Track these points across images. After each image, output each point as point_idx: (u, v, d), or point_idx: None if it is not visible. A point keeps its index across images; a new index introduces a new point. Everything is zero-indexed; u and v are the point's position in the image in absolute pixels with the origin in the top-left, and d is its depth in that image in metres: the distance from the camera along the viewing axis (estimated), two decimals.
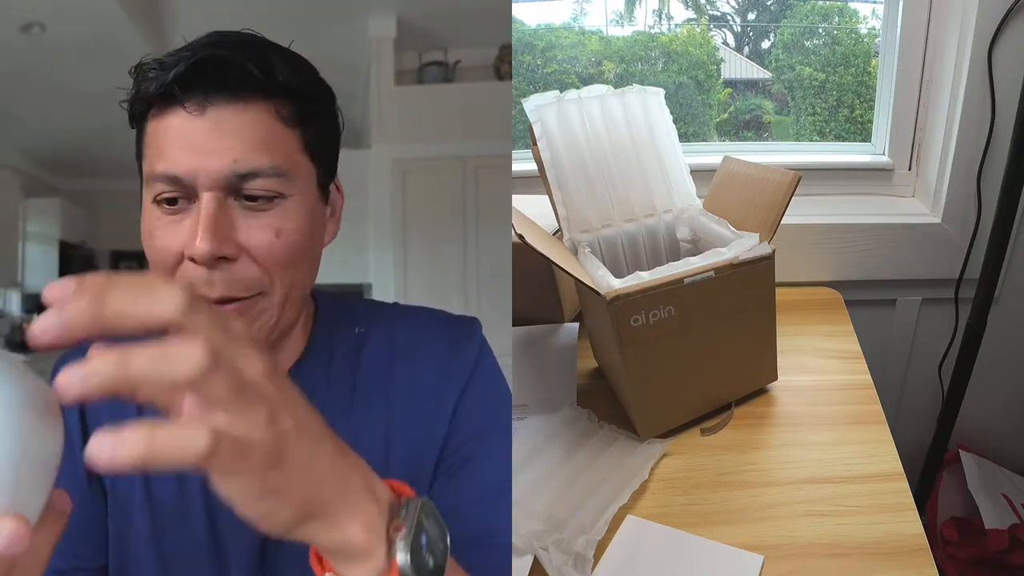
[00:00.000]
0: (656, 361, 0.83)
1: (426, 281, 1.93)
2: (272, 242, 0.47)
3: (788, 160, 1.29)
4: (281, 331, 0.51)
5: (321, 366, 0.54)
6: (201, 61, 0.45)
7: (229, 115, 0.45)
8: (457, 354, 0.54)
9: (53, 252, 3.02)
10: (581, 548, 0.69)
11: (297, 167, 0.49)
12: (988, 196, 1.13)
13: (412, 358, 0.54)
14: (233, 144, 0.45)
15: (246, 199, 0.46)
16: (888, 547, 0.71)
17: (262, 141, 0.46)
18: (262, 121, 0.47)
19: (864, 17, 1.32)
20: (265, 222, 0.47)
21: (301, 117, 0.49)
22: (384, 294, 1.92)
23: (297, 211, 0.48)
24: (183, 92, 0.45)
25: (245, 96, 0.46)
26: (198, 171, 0.45)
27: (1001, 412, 1.36)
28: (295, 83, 0.48)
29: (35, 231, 2.99)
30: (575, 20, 1.40)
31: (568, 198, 0.90)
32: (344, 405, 0.54)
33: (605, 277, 0.79)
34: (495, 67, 2.11)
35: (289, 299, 0.49)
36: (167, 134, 0.46)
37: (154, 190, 0.47)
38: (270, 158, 0.46)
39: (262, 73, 0.46)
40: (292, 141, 0.48)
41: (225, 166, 0.45)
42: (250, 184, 0.46)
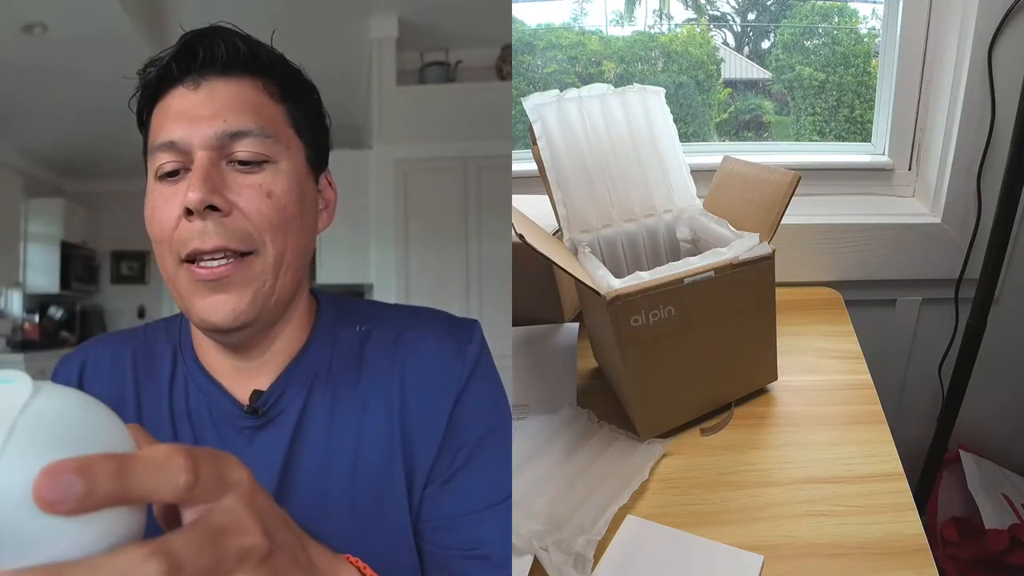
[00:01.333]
0: (656, 361, 0.83)
1: (428, 281, 1.93)
2: (263, 201, 0.49)
3: (788, 160, 1.29)
4: (277, 303, 0.51)
5: (323, 359, 0.55)
6: (192, 39, 0.50)
7: (220, 86, 0.50)
8: (455, 357, 0.55)
9: (55, 252, 3.03)
10: (581, 548, 0.69)
11: (284, 136, 0.52)
12: (988, 196, 1.13)
13: (413, 357, 0.55)
14: (223, 108, 0.49)
15: (239, 163, 0.49)
16: (888, 547, 0.71)
17: (251, 106, 0.50)
18: (250, 92, 0.51)
19: (864, 17, 1.32)
20: (256, 182, 0.50)
21: (284, 95, 0.53)
22: (386, 294, 1.92)
23: (288, 177, 0.51)
24: (179, 71, 0.50)
25: (234, 71, 0.51)
26: (193, 135, 0.49)
27: (1001, 412, 1.36)
28: (278, 64, 0.53)
29: (37, 231, 3.00)
30: (575, 20, 1.40)
31: (568, 198, 0.91)
32: (349, 392, 0.54)
33: (605, 277, 0.79)
34: (497, 67, 2.11)
35: (283, 264, 0.51)
36: (167, 111, 0.50)
37: (156, 163, 0.50)
38: (257, 120, 0.50)
39: (248, 49, 0.51)
40: (279, 114, 0.52)
41: (216, 126, 0.49)
42: (240, 144, 0.49)
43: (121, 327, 1.13)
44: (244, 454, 0.53)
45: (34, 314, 3.09)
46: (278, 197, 0.50)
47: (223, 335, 0.51)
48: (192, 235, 0.48)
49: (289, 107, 0.53)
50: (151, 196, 0.51)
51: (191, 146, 0.49)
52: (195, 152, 0.48)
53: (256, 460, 0.52)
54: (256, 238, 0.49)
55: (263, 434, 0.53)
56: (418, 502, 0.54)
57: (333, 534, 0.53)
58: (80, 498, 0.25)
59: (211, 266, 0.48)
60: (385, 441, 0.53)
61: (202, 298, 0.49)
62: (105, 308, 3.38)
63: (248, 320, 0.49)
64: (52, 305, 3.14)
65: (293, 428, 0.53)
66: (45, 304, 3.13)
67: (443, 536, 0.54)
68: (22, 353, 2.76)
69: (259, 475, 0.52)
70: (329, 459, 0.53)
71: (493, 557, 0.52)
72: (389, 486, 0.53)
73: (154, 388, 0.56)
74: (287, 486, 0.53)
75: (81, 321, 3.24)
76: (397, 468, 0.53)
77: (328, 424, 0.53)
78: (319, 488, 0.53)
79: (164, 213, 0.49)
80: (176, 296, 0.51)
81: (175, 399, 0.55)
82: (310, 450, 0.53)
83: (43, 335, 3.07)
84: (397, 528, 0.54)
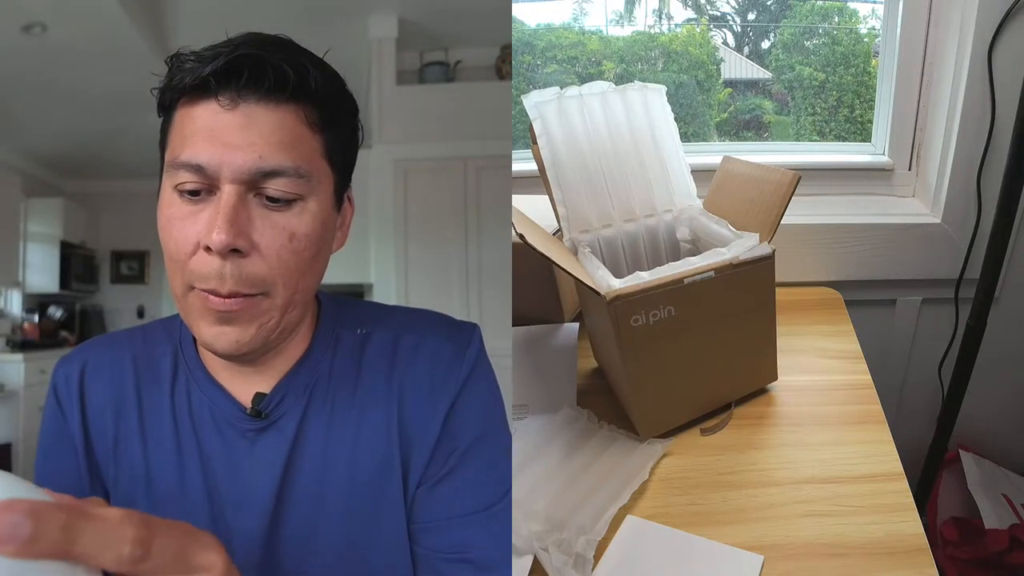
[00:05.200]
0: (656, 361, 0.83)
1: (427, 281, 1.93)
2: (284, 245, 0.47)
3: (788, 160, 1.29)
4: (282, 332, 0.51)
5: (324, 364, 0.55)
6: (240, 58, 0.46)
7: (259, 113, 0.46)
8: (453, 361, 0.54)
9: (54, 252, 3.03)
10: (581, 548, 0.69)
11: (318, 171, 0.49)
12: (988, 196, 1.13)
13: (411, 361, 0.55)
14: (260, 140, 0.46)
15: (266, 198, 0.47)
16: (888, 547, 0.71)
17: (288, 141, 0.47)
18: (290, 122, 0.47)
19: (864, 17, 1.32)
20: (280, 223, 0.47)
21: (325, 123, 0.50)
22: (385, 294, 1.92)
23: (313, 216, 0.49)
24: (218, 85, 0.46)
25: (276, 97, 0.47)
26: (223, 163, 0.46)
27: (1001, 412, 1.36)
28: (324, 90, 0.49)
29: (36, 231, 2.99)
30: (575, 20, 1.40)
31: (568, 198, 0.91)
32: (347, 399, 0.54)
33: (605, 277, 0.79)
34: (496, 67, 2.11)
35: (292, 303, 0.50)
36: (195, 123, 0.47)
37: (176, 178, 0.47)
38: (294, 159, 0.47)
39: (296, 76, 0.47)
40: (315, 145, 0.49)
41: (250, 161, 0.46)
42: (272, 183, 0.47)
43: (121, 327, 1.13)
44: (246, 457, 0.52)
45: (33, 314, 3.08)
46: (300, 240, 0.48)
47: (226, 358, 0.51)
48: (209, 273, 0.46)
49: (327, 136, 0.50)
50: (168, 207, 0.48)
51: (219, 175, 0.46)
52: (223, 183, 0.46)
53: (258, 463, 0.53)
54: (269, 281, 0.48)
55: (265, 437, 0.53)
56: (409, 504, 0.54)
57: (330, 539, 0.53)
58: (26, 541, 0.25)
59: (223, 299, 0.47)
60: (383, 446, 0.53)
61: (208, 324, 0.48)
62: (105, 308, 3.38)
63: (251, 350, 0.49)
64: (52, 305, 3.14)
65: (294, 432, 0.53)
66: (44, 304, 3.12)
67: (429, 538, 0.54)
68: (21, 353, 2.75)
69: (260, 479, 0.52)
70: (328, 464, 0.53)
71: (477, 562, 0.52)
72: (386, 491, 0.53)
73: (156, 390, 0.55)
74: (287, 491, 0.53)
75: (81, 321, 3.24)
76: (394, 473, 0.53)
77: (328, 428, 0.53)
78: (317, 493, 0.53)
79: (181, 233, 0.47)
80: (181, 311, 0.50)
81: (177, 401, 0.55)
82: (310, 454, 0.53)
83: (43, 335, 3.06)
84: (394, 533, 0.54)
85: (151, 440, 0.54)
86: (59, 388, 0.57)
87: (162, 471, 0.54)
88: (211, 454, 0.53)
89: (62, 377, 0.57)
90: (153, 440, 0.54)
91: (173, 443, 0.54)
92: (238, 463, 0.53)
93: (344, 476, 0.53)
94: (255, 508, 0.52)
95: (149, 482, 0.54)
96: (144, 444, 0.54)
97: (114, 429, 0.55)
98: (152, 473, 0.54)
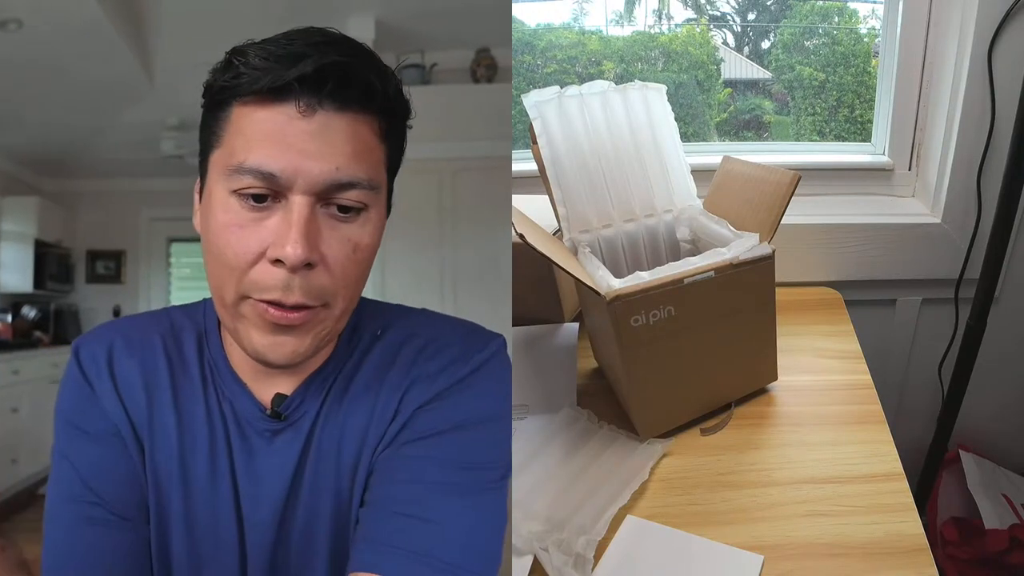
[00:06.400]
0: (656, 361, 0.83)
1: (403, 282, 1.95)
2: (348, 256, 0.47)
3: (788, 160, 1.29)
4: (331, 338, 0.51)
5: (342, 364, 0.55)
6: (328, 66, 0.44)
7: (336, 123, 0.45)
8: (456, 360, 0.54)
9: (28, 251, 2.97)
10: (581, 548, 0.69)
11: (383, 182, 0.50)
12: (988, 196, 1.13)
13: (414, 360, 0.54)
14: (335, 151, 0.45)
15: (337, 208, 0.46)
16: (888, 547, 0.71)
17: (361, 152, 0.46)
18: (363, 133, 0.47)
19: (864, 17, 1.32)
20: (346, 235, 0.47)
21: (388, 133, 0.49)
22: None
23: (374, 226, 0.49)
24: (301, 91, 0.44)
25: (355, 107, 0.46)
26: (298, 172, 0.44)
27: (1001, 412, 1.36)
28: (395, 100, 0.49)
29: (10, 229, 2.94)
30: (575, 20, 1.40)
31: (568, 197, 0.90)
32: (340, 398, 0.54)
33: (605, 277, 0.79)
34: (471, 70, 2.15)
35: (346, 311, 0.50)
36: (263, 127, 0.45)
37: (239, 183, 0.45)
38: (367, 170, 0.47)
39: (381, 90, 0.46)
40: (381, 156, 0.49)
41: (327, 172, 0.45)
42: (345, 194, 0.46)
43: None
44: (263, 455, 0.53)
45: (7, 314, 3.01)
46: (363, 251, 0.48)
47: (275, 367, 0.50)
48: (275, 284, 0.45)
49: (389, 145, 0.50)
50: (223, 212, 0.46)
51: (292, 185, 0.44)
52: (294, 192, 0.45)
53: (274, 461, 0.53)
54: (332, 292, 0.47)
55: (282, 436, 0.53)
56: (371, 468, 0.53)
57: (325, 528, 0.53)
58: None
59: (287, 312, 0.46)
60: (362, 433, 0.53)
61: (263, 334, 0.47)
62: (80, 308, 3.32)
63: (304, 359, 0.49)
64: (25, 305, 3.07)
65: (307, 432, 0.53)
66: (18, 304, 3.06)
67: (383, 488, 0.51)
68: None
69: (275, 475, 0.53)
70: (326, 456, 0.53)
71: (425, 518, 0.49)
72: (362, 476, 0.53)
73: (187, 377, 0.54)
74: (296, 489, 0.53)
75: (55, 321, 3.16)
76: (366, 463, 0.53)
77: (340, 427, 0.54)
78: (317, 485, 0.53)
79: (242, 242, 0.45)
80: (228, 318, 0.49)
81: (208, 393, 0.54)
82: (318, 454, 0.53)
83: (16, 335, 2.99)
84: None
85: (186, 425, 0.54)
86: (86, 366, 0.54)
87: (194, 458, 0.54)
88: (235, 447, 0.54)
89: (88, 355, 0.55)
90: (187, 426, 0.54)
91: (206, 432, 0.53)
92: (255, 459, 0.53)
93: (332, 462, 0.53)
94: (269, 503, 0.53)
95: (183, 466, 0.54)
96: (180, 427, 0.54)
97: (148, 406, 0.54)
98: (186, 458, 0.54)
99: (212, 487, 0.53)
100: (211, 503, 0.53)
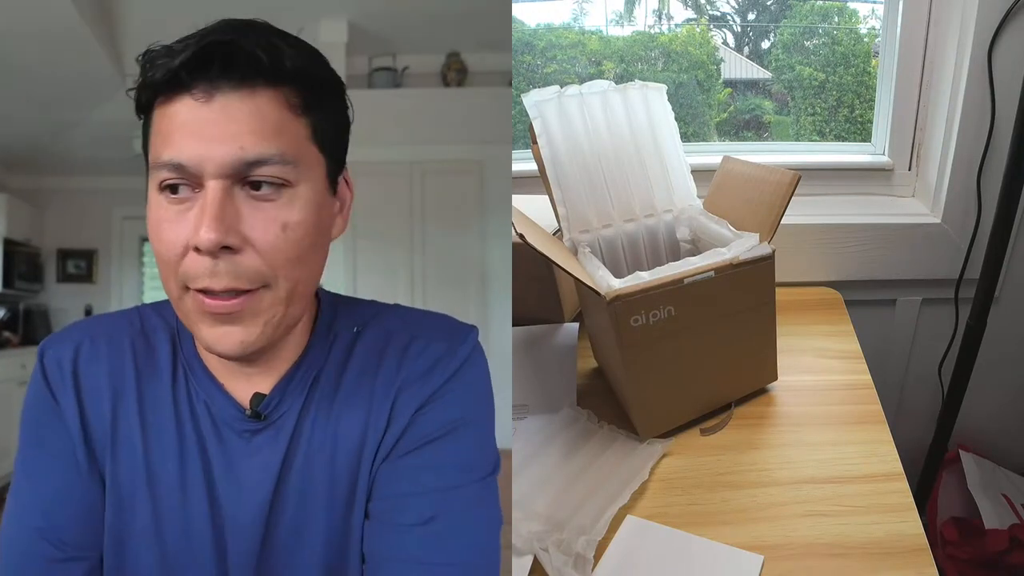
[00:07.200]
0: (656, 361, 0.83)
1: (374, 283, 1.97)
2: (278, 235, 0.46)
3: (788, 160, 1.29)
4: (286, 327, 0.50)
5: (321, 362, 0.54)
6: (208, 46, 0.44)
7: (236, 102, 0.45)
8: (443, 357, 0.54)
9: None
10: (581, 548, 0.69)
11: (305, 156, 0.48)
12: (988, 196, 1.13)
13: (401, 359, 0.54)
14: (240, 131, 0.45)
15: (253, 188, 0.46)
16: (888, 547, 0.71)
17: (270, 128, 0.46)
18: (270, 108, 0.46)
19: (864, 17, 1.32)
20: (272, 214, 0.46)
21: (309, 105, 0.48)
22: None
23: (305, 203, 0.48)
24: (190, 78, 0.45)
25: (252, 83, 0.45)
26: (204, 158, 0.44)
27: (1001, 412, 1.36)
28: (304, 70, 0.47)
29: None
30: (575, 20, 1.40)
31: (568, 197, 0.90)
32: (328, 401, 0.54)
33: (605, 277, 0.79)
34: (442, 74, 2.18)
35: (295, 294, 0.49)
36: (173, 121, 0.46)
37: (159, 177, 0.46)
38: (278, 145, 0.46)
39: (269, 59, 0.45)
40: (301, 129, 0.48)
41: (231, 153, 0.44)
42: (258, 171, 0.45)
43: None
44: (243, 456, 0.52)
45: None
46: (294, 228, 0.47)
47: (229, 359, 0.50)
48: (202, 272, 0.45)
49: (313, 118, 0.48)
50: (154, 209, 0.47)
51: (202, 171, 0.45)
52: (207, 179, 0.45)
53: (255, 462, 0.52)
54: (268, 274, 0.47)
55: (261, 436, 0.53)
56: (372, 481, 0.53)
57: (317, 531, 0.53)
58: None
59: (221, 299, 0.46)
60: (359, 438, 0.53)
61: (209, 326, 0.47)
62: (50, 307, 3.24)
63: (256, 350, 0.48)
64: None
65: (291, 432, 0.53)
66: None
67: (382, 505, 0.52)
68: None
69: (258, 477, 0.52)
70: (314, 459, 0.53)
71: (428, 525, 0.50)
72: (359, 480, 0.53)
73: (156, 381, 0.54)
74: (282, 487, 0.53)
75: (24, 321, 3.09)
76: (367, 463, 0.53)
77: (324, 427, 0.53)
78: (306, 488, 0.53)
79: (170, 236, 0.46)
80: (180, 315, 0.49)
81: (178, 395, 0.53)
82: (302, 452, 0.53)
83: None
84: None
85: (152, 433, 0.53)
86: (50, 372, 0.53)
87: (163, 466, 0.53)
88: (211, 452, 0.53)
89: (53, 360, 0.54)
90: (154, 433, 0.53)
91: (175, 438, 0.53)
92: (235, 461, 0.52)
93: (326, 469, 0.53)
94: (252, 506, 0.52)
95: (150, 476, 0.53)
96: (145, 436, 0.53)
97: (111, 417, 0.53)
98: (153, 467, 0.53)
99: (183, 495, 0.52)
100: (182, 512, 0.52)
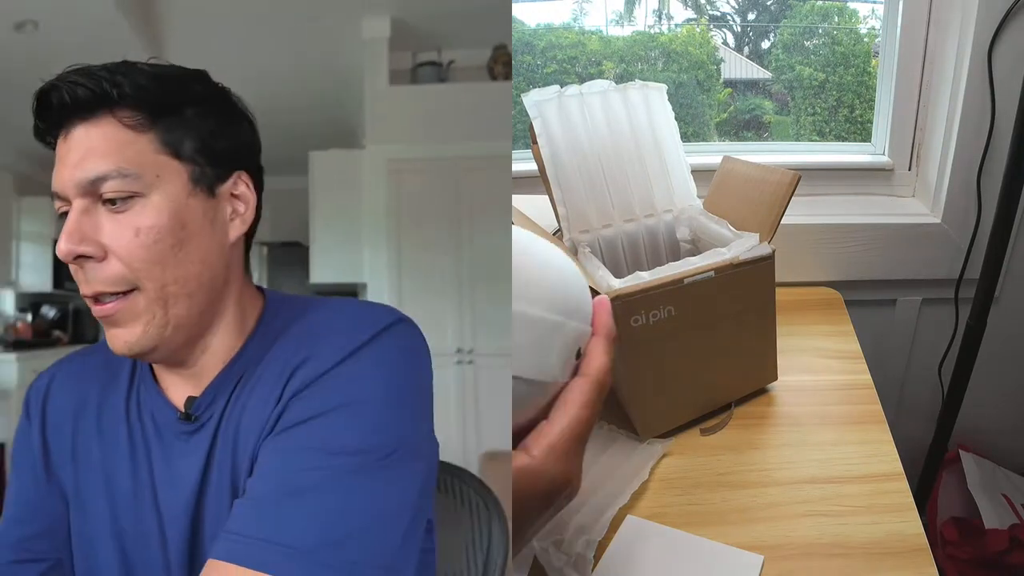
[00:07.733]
0: (656, 361, 0.83)
1: (420, 280, 1.94)
2: (131, 240, 0.51)
3: (788, 160, 1.29)
4: (176, 328, 0.52)
5: (253, 360, 0.55)
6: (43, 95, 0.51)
7: (81, 132, 0.52)
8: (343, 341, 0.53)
9: (47, 251, 2.99)
10: (581, 548, 0.69)
11: (152, 167, 0.52)
12: (988, 196, 1.13)
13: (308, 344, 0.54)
14: (83, 155, 0.51)
15: (111, 203, 0.51)
16: (888, 547, 0.71)
17: (106, 148, 0.51)
18: (111, 130, 0.52)
19: (864, 17, 1.32)
20: (125, 222, 0.51)
21: (154, 119, 0.53)
22: (378, 294, 1.92)
23: (157, 209, 0.52)
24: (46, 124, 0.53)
25: (88, 114, 0.52)
26: (65, 183, 0.51)
27: (1001, 412, 1.36)
28: (136, 90, 0.52)
29: (29, 230, 2.96)
30: (575, 20, 1.40)
31: (568, 197, 0.90)
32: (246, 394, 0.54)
33: (605, 277, 0.79)
34: (489, 68, 2.13)
35: (169, 295, 0.52)
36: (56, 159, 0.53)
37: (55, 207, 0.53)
38: (115, 161, 0.51)
39: (90, 91, 0.51)
40: (145, 145, 0.52)
41: (77, 174, 0.51)
42: (104, 187, 0.51)
43: None
44: (181, 457, 0.55)
45: (27, 313, 3.06)
46: (147, 233, 0.51)
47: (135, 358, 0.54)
48: (79, 281, 0.52)
49: (161, 131, 0.53)
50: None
51: (67, 195, 0.51)
52: (72, 200, 0.51)
53: (187, 462, 0.55)
54: (131, 278, 0.51)
55: (196, 437, 0.55)
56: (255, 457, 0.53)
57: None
58: None
59: (100, 304, 0.51)
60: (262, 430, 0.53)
61: (105, 329, 0.53)
62: None
63: (144, 350, 0.52)
64: (45, 304, 3.12)
65: (213, 429, 0.55)
66: (38, 303, 3.10)
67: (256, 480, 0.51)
68: (15, 352, 2.74)
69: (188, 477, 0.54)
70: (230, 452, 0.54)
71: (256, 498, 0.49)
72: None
73: (115, 393, 0.58)
74: (205, 485, 0.54)
75: (74, 320, 3.21)
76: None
77: (237, 419, 0.54)
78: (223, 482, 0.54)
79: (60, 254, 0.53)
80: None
81: (130, 404, 0.58)
82: (219, 447, 0.54)
83: (36, 334, 3.05)
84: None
85: (107, 440, 0.57)
86: (30, 400, 0.61)
87: (118, 471, 0.56)
88: (155, 455, 0.56)
89: (34, 388, 0.61)
90: (110, 440, 0.57)
91: (127, 444, 0.56)
92: (175, 463, 0.55)
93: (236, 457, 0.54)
94: (182, 500, 0.55)
95: (107, 480, 0.56)
96: (102, 444, 0.57)
97: (72, 433, 0.58)
98: (110, 473, 0.56)
99: (134, 496, 0.56)
100: (135, 512, 0.56)
